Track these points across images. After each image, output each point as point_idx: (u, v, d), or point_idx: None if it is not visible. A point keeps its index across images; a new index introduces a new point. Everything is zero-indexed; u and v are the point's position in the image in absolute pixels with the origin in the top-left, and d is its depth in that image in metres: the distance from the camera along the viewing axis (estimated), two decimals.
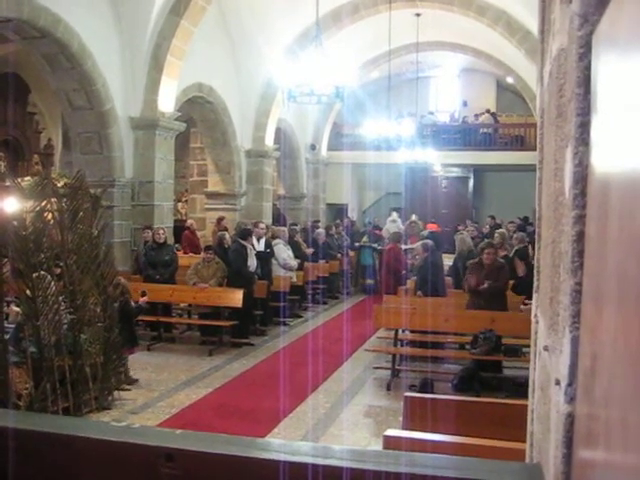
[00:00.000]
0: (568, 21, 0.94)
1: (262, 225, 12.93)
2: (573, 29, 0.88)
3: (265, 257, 12.19)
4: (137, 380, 8.50)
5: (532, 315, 1.68)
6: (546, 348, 1.13)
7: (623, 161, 0.64)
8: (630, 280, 0.56)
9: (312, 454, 1.07)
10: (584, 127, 0.86)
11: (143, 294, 8.92)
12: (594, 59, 0.83)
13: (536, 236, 1.65)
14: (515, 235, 12.06)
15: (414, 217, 18.92)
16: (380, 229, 19.62)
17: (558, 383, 0.93)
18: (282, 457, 1.03)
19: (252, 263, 11.58)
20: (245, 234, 11.83)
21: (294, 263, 13.28)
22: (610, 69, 0.74)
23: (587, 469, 0.75)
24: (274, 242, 13.16)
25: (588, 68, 0.85)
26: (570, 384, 0.86)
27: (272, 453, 1.06)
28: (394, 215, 19.70)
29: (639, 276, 0.53)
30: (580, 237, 0.87)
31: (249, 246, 11.61)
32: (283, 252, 13.07)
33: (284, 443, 1.26)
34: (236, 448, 1.07)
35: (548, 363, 1.12)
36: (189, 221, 16.51)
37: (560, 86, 1.07)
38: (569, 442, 0.86)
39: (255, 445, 1.13)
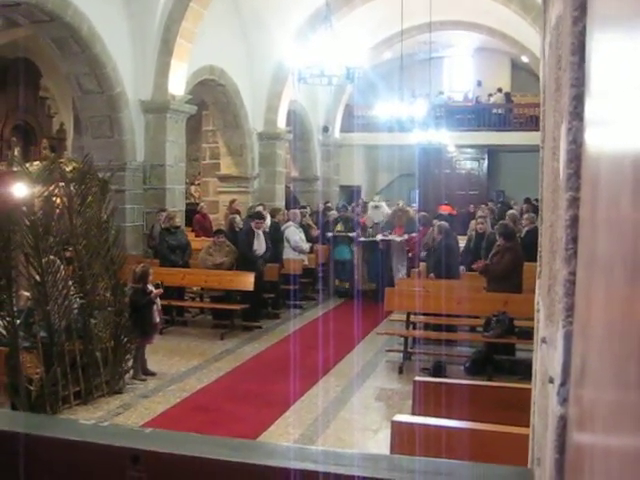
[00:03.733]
0: None
1: (260, 207, 12.98)
2: None
3: (272, 239, 12.11)
4: (155, 374, 8.37)
5: (535, 302, 1.60)
6: (544, 340, 1.06)
7: (614, 138, 0.56)
8: (616, 272, 0.49)
9: (292, 457, 1.00)
10: (579, 100, 0.77)
11: (157, 286, 8.44)
12: (589, 22, 0.74)
13: (539, 219, 1.57)
14: (526, 215, 11.62)
15: (401, 203, 15.69)
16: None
17: (552, 382, 0.86)
18: (256, 460, 0.97)
19: (259, 246, 11.49)
20: (255, 217, 11.79)
21: (306, 246, 13.18)
22: (606, 33, 0.66)
23: (583, 478, 0.68)
24: (285, 225, 13.10)
25: (583, 33, 0.77)
26: (563, 384, 0.78)
27: (246, 455, 1.00)
28: (376, 199, 17.02)
29: (625, 268, 0.46)
30: (574, 222, 0.78)
31: (258, 232, 11.53)
32: (295, 234, 12.99)
33: (260, 444, 1.19)
34: (207, 449, 1.00)
35: (546, 357, 1.04)
36: (200, 204, 16.48)
37: (558, 57, 0.98)
38: (561, 447, 0.79)
39: (228, 446, 1.07)
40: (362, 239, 14.00)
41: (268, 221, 12.55)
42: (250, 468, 0.97)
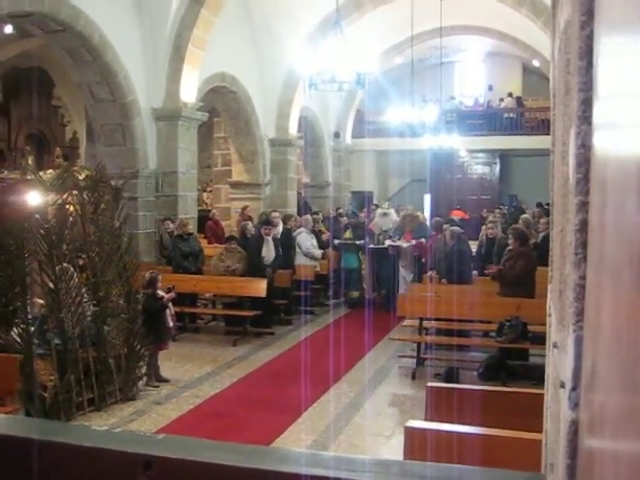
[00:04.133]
0: None
1: (275, 214, 12.93)
2: None
3: (284, 245, 12.09)
4: (168, 380, 8.40)
5: (547, 307, 1.60)
6: (555, 345, 1.05)
7: (622, 142, 0.56)
8: (624, 277, 0.49)
9: (304, 463, 1.01)
10: (587, 104, 0.77)
11: (169, 290, 8.49)
12: (597, 27, 0.74)
13: (550, 223, 1.57)
14: (542, 220, 11.57)
15: (410, 208, 15.07)
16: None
17: (563, 386, 0.85)
18: (268, 466, 0.97)
19: (268, 253, 11.41)
20: (265, 223, 11.79)
21: (318, 252, 13.13)
22: (613, 38, 0.66)
23: None
24: (297, 231, 13.09)
25: (591, 38, 0.77)
26: (574, 388, 0.78)
27: (258, 461, 1.00)
28: (385, 206, 15.99)
29: (632, 272, 0.46)
30: (583, 226, 0.78)
31: (267, 238, 11.48)
32: (306, 240, 12.97)
33: (271, 450, 1.20)
34: (219, 454, 1.01)
35: (557, 361, 1.04)
36: (212, 211, 16.53)
37: (567, 61, 0.98)
38: (573, 452, 0.78)
39: (240, 452, 1.07)
40: (371, 246, 13.57)
41: (280, 227, 12.54)
42: (262, 474, 0.97)
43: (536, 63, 21.24)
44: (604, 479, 0.59)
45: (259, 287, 10.68)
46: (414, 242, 12.78)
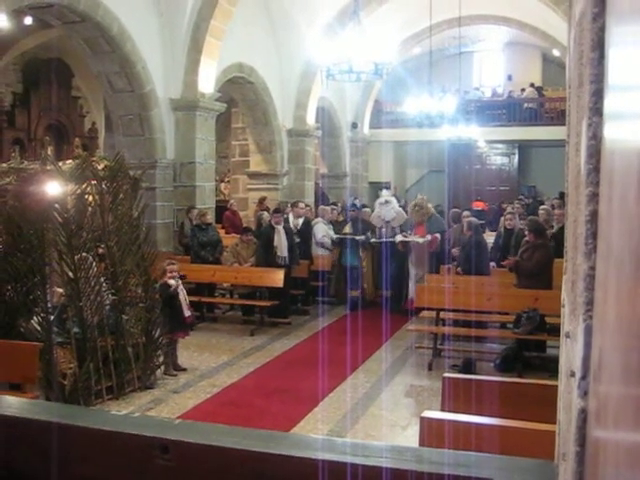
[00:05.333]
0: None
1: (301, 205, 12.85)
2: None
3: (302, 235, 12.06)
4: (185, 369, 8.45)
5: (561, 298, 1.60)
6: (568, 335, 1.06)
7: (631, 134, 0.57)
8: (625, 267, 0.50)
9: (319, 448, 1.02)
10: (598, 95, 0.78)
11: (181, 278, 8.47)
12: (608, 19, 0.75)
13: (565, 214, 1.57)
14: (556, 211, 11.21)
15: (419, 198, 12.75)
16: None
17: (573, 375, 0.86)
18: (283, 451, 0.99)
19: (279, 242, 11.14)
20: (275, 212, 11.76)
21: (330, 242, 12.95)
22: (623, 30, 0.66)
23: (598, 471, 0.69)
24: (314, 221, 13.05)
25: (602, 29, 0.77)
26: (584, 377, 0.79)
27: (273, 446, 1.02)
28: (385, 195, 13.92)
29: (632, 263, 0.46)
30: (594, 217, 0.79)
31: (278, 227, 11.35)
32: (321, 231, 12.83)
33: (287, 435, 1.22)
34: (234, 439, 1.03)
35: (570, 351, 1.05)
36: (230, 201, 16.59)
37: (580, 52, 0.99)
38: (582, 440, 0.79)
39: (255, 436, 1.09)
40: (373, 240, 12.43)
41: (302, 218, 12.52)
42: (277, 458, 0.99)
43: (556, 52, 21.05)
44: (608, 467, 0.60)
45: (276, 277, 10.71)
46: (429, 237, 11.80)
